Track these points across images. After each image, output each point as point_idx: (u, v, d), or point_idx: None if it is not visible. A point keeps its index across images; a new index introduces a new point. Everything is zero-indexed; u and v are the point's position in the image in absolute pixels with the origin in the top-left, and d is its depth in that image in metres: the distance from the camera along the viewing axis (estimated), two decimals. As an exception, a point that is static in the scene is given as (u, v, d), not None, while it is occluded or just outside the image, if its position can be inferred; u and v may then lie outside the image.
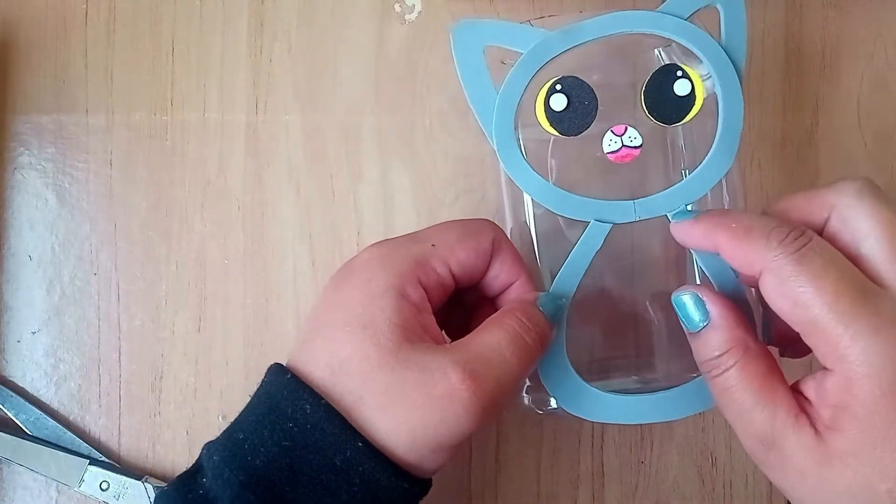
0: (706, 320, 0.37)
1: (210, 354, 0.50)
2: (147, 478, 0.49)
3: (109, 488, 0.48)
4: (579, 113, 0.40)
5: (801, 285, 0.33)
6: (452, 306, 0.41)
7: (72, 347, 0.50)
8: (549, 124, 0.41)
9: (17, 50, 0.51)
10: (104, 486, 0.48)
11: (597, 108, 0.40)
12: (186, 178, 0.51)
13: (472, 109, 0.41)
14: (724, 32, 0.41)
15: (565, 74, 0.41)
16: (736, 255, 0.36)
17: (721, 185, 0.42)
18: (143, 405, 0.50)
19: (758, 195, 0.51)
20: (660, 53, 0.44)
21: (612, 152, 0.41)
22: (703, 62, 0.41)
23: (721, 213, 0.40)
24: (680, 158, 0.45)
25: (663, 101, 0.41)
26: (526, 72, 0.41)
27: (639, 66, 0.44)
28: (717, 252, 0.37)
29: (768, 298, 0.35)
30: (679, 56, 0.42)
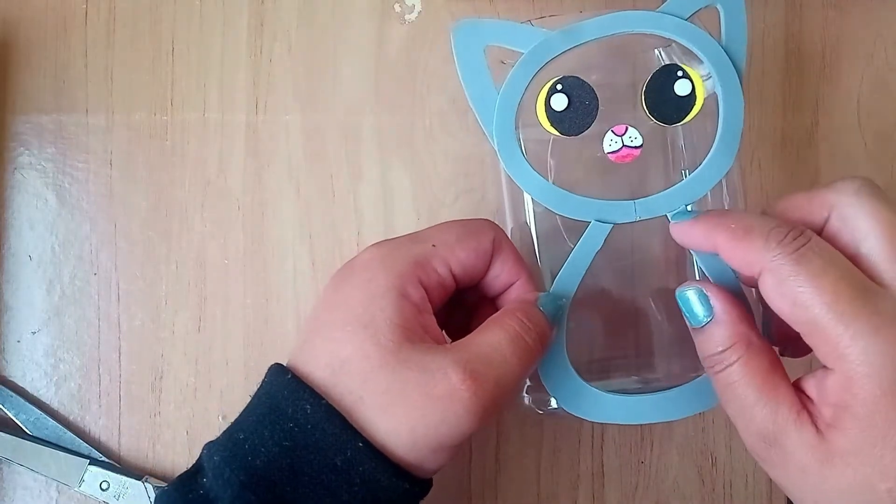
0: (710, 316, 0.37)
1: (210, 354, 0.50)
2: (147, 478, 0.49)
3: (109, 488, 0.48)
4: (580, 113, 0.40)
5: (801, 285, 0.33)
6: (453, 306, 0.41)
7: (72, 347, 0.50)
8: (549, 124, 0.41)
9: (17, 50, 0.51)
10: (104, 486, 0.48)
11: (597, 108, 0.40)
12: (186, 178, 0.51)
13: (473, 109, 0.41)
14: (724, 32, 0.41)
15: (566, 74, 0.41)
16: (735, 255, 0.36)
17: (721, 185, 0.42)
18: (143, 405, 0.50)
19: (758, 195, 0.51)
20: (660, 53, 0.44)
21: (612, 152, 0.41)
22: (703, 62, 0.41)
23: (720, 213, 0.40)
24: (680, 158, 0.45)
25: (664, 101, 0.41)
26: (527, 71, 0.41)
27: (639, 66, 0.44)
28: (717, 252, 0.37)
29: (768, 298, 0.35)
30: (679, 56, 0.43)
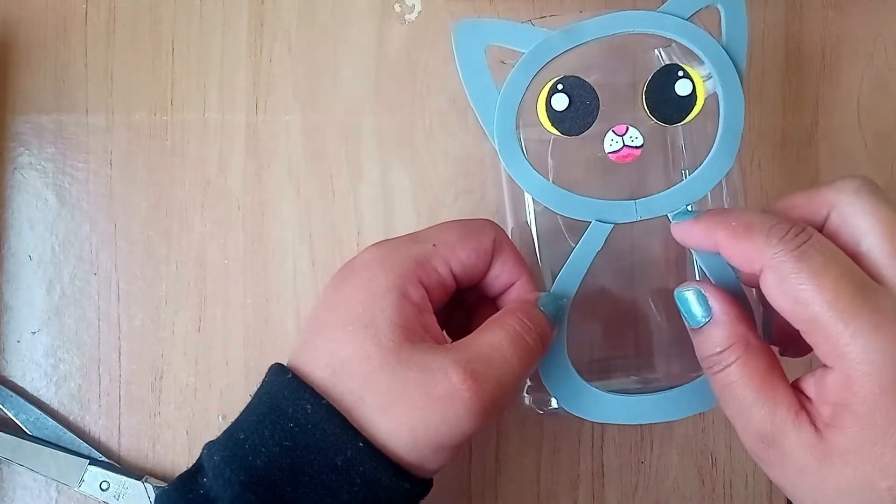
0: (708, 316, 0.37)
1: (210, 354, 0.50)
2: (147, 478, 0.49)
3: (109, 488, 0.48)
4: (581, 113, 0.40)
5: (802, 283, 0.33)
6: (453, 306, 0.41)
7: (72, 347, 0.50)
8: (550, 124, 0.41)
9: (17, 50, 0.51)
10: (104, 486, 0.48)
11: (598, 108, 0.40)
12: (186, 178, 0.51)
13: (474, 109, 0.41)
14: (724, 32, 0.41)
15: (566, 74, 0.41)
16: (736, 252, 0.36)
17: (721, 185, 0.42)
18: (143, 405, 0.50)
19: (758, 195, 0.51)
20: (660, 53, 0.44)
21: (613, 152, 0.41)
22: (703, 62, 0.41)
23: (721, 212, 0.40)
24: (680, 158, 0.45)
25: (664, 101, 0.41)
26: (527, 71, 0.41)
27: (639, 66, 0.44)
28: (718, 251, 0.37)
29: (769, 296, 0.35)
30: (679, 56, 0.43)
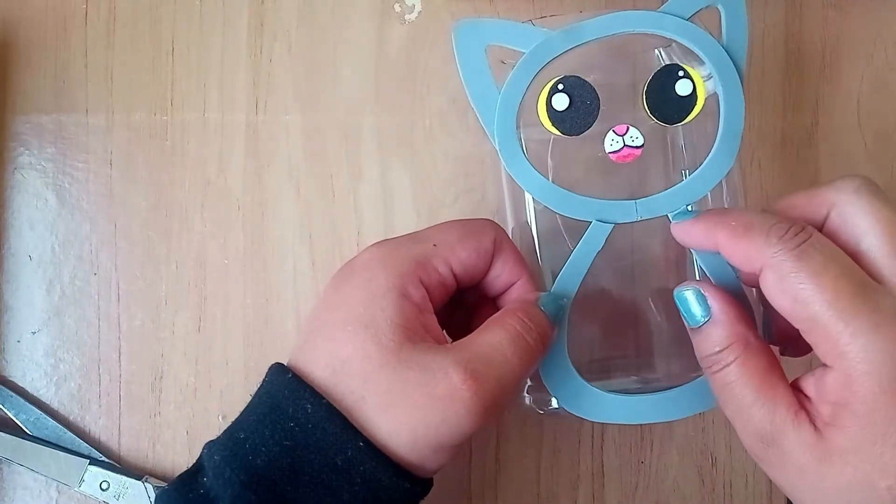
0: (707, 316, 0.37)
1: (210, 354, 0.50)
2: (147, 478, 0.49)
3: (109, 488, 0.48)
4: (581, 112, 0.40)
5: (802, 282, 0.33)
6: (453, 306, 0.41)
7: (72, 347, 0.50)
8: (551, 124, 0.41)
9: (17, 50, 0.51)
10: (104, 486, 0.48)
11: (599, 108, 0.40)
12: (186, 178, 0.51)
13: (474, 109, 0.41)
14: (724, 33, 0.41)
15: (567, 74, 0.41)
16: (736, 252, 0.36)
17: (721, 185, 0.42)
18: (143, 405, 0.50)
19: (758, 195, 0.51)
20: (660, 53, 0.44)
21: (613, 152, 0.41)
22: (703, 62, 0.41)
23: (720, 211, 0.40)
24: (680, 158, 0.45)
25: (665, 101, 0.41)
26: (528, 71, 0.41)
27: (639, 66, 0.44)
28: (718, 251, 0.37)
29: (768, 295, 0.35)
30: (679, 56, 0.43)
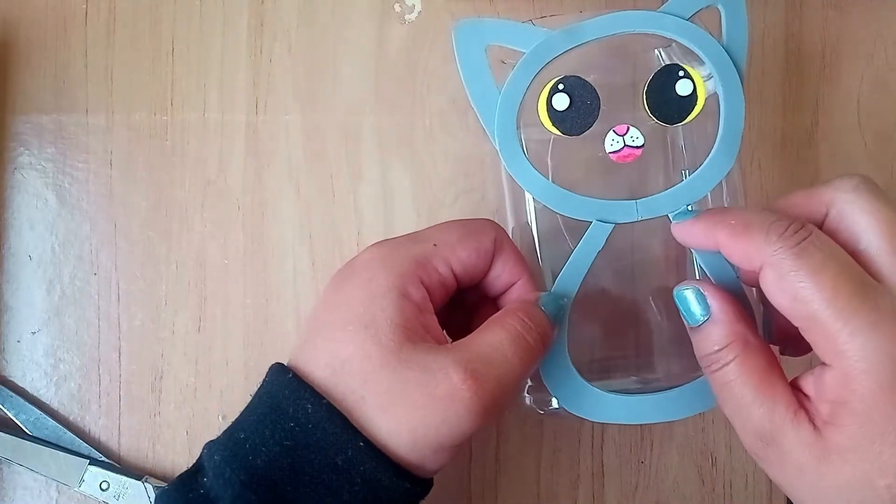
0: (707, 315, 0.37)
1: (210, 354, 0.50)
2: (147, 478, 0.49)
3: (109, 488, 0.48)
4: (582, 112, 0.40)
5: (801, 280, 0.33)
6: (454, 306, 0.41)
7: (72, 347, 0.50)
8: (551, 124, 0.41)
9: (17, 50, 0.51)
10: (104, 486, 0.48)
11: (599, 108, 0.40)
12: (186, 178, 0.51)
13: (475, 109, 0.41)
14: (725, 33, 0.41)
15: (567, 74, 0.41)
16: (736, 250, 0.36)
17: (721, 185, 0.42)
18: (143, 405, 0.50)
19: (758, 195, 0.51)
20: (660, 53, 0.44)
21: (614, 152, 0.41)
22: (704, 63, 0.41)
23: (720, 210, 0.40)
24: (680, 158, 0.45)
25: (665, 102, 0.41)
26: (528, 71, 0.41)
27: (640, 66, 0.44)
28: (719, 250, 0.37)
29: (768, 293, 0.35)
30: (679, 56, 0.43)
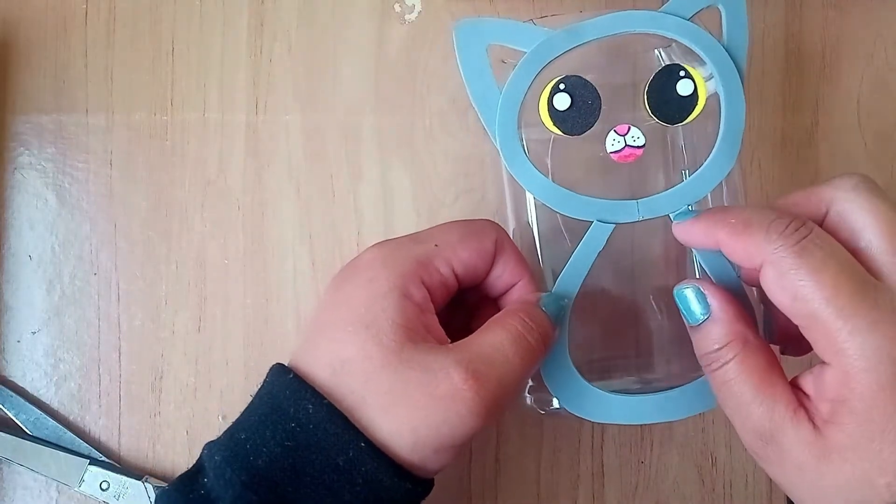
0: (707, 313, 0.37)
1: (210, 354, 0.50)
2: (147, 478, 0.49)
3: (109, 488, 0.48)
4: (583, 112, 0.40)
5: (801, 279, 0.33)
6: (454, 307, 0.41)
7: (72, 347, 0.50)
8: (552, 123, 0.41)
9: (17, 50, 0.51)
10: (104, 486, 0.48)
11: (600, 108, 0.40)
12: (186, 178, 0.51)
13: (475, 108, 0.41)
14: (725, 33, 0.41)
15: (568, 74, 0.41)
16: (736, 249, 0.36)
17: (721, 185, 0.42)
18: (143, 405, 0.50)
19: (758, 195, 0.51)
20: (660, 53, 0.44)
21: (615, 152, 0.41)
22: (704, 62, 0.41)
23: (720, 209, 0.40)
24: (680, 158, 0.45)
25: (666, 101, 0.41)
26: (529, 71, 0.41)
27: (640, 66, 0.44)
28: (719, 249, 0.37)
29: (768, 291, 0.35)
30: (678, 56, 0.43)
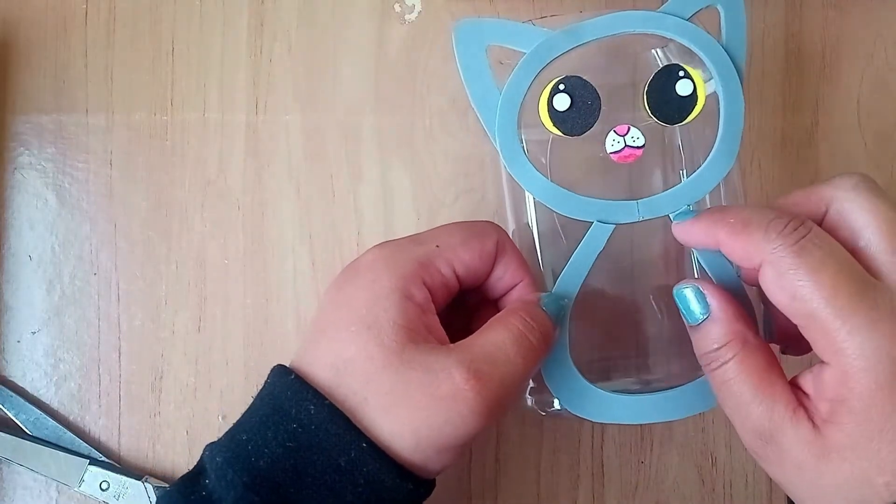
0: (706, 313, 0.37)
1: (210, 354, 0.50)
2: (147, 478, 0.49)
3: (109, 488, 0.48)
4: (583, 113, 0.40)
5: (800, 279, 0.33)
6: (455, 308, 0.41)
7: (72, 347, 0.50)
8: (552, 124, 0.41)
9: (17, 50, 0.51)
10: (104, 486, 0.48)
11: (600, 108, 0.40)
12: (186, 178, 0.51)
13: (475, 109, 0.41)
14: (724, 33, 0.41)
15: (567, 74, 0.41)
16: (735, 248, 0.36)
17: (719, 186, 0.42)
18: (143, 405, 0.50)
19: (758, 195, 0.51)
20: (657, 53, 0.44)
21: (615, 152, 0.41)
22: (703, 62, 0.41)
23: (720, 209, 0.40)
24: (679, 158, 0.45)
25: (665, 102, 0.41)
26: (529, 71, 0.41)
27: (640, 66, 0.44)
28: (719, 249, 0.37)
29: (767, 291, 0.35)
30: (676, 55, 0.43)
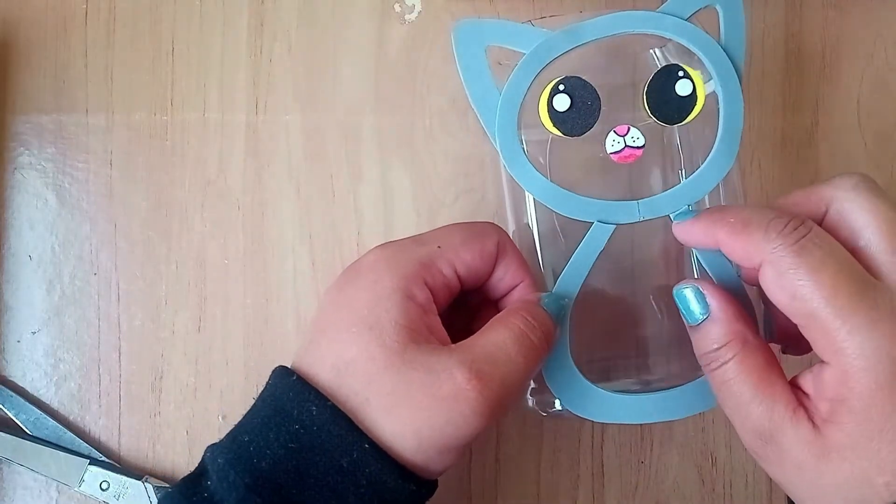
0: (706, 313, 0.37)
1: (210, 354, 0.50)
2: (147, 478, 0.49)
3: (109, 488, 0.48)
4: (582, 113, 0.40)
5: (800, 278, 0.33)
6: (456, 309, 0.41)
7: (72, 347, 0.50)
8: (552, 124, 0.41)
9: (17, 50, 0.51)
10: (104, 486, 0.48)
11: (600, 109, 0.40)
12: (186, 178, 0.51)
13: (475, 109, 0.41)
14: (723, 33, 0.41)
15: (567, 74, 0.41)
16: (735, 248, 0.36)
17: (719, 185, 0.42)
18: (143, 405, 0.50)
19: (758, 195, 0.51)
20: (655, 53, 0.44)
21: (615, 153, 0.41)
22: (702, 63, 0.41)
23: (720, 209, 0.40)
24: (679, 158, 0.45)
25: (665, 102, 0.41)
26: (529, 72, 0.41)
27: (639, 67, 0.44)
28: (719, 249, 0.37)
29: (767, 291, 0.35)
30: (675, 56, 0.43)
